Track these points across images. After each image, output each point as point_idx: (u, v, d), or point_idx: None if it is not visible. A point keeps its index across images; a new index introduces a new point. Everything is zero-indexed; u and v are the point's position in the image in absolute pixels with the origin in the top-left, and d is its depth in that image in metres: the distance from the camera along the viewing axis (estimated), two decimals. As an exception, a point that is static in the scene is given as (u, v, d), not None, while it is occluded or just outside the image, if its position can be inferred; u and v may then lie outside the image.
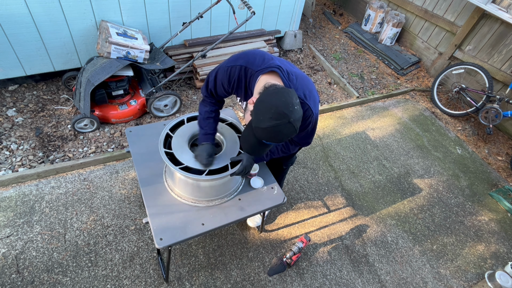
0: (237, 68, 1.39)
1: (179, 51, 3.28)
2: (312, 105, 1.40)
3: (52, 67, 2.91)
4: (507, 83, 3.60)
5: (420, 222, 2.70)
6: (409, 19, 4.63)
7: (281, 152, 1.69)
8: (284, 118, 1.14)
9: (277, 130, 1.16)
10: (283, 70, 1.33)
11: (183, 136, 1.71)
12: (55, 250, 2.06)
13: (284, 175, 2.26)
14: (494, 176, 3.30)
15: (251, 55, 1.39)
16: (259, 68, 1.34)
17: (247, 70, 1.38)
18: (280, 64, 1.35)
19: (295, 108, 1.16)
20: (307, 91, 1.40)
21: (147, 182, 1.71)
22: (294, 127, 1.17)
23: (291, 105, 1.15)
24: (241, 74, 1.40)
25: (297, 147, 1.69)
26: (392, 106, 3.90)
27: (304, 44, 4.49)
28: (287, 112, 1.14)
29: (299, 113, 1.18)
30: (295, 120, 1.16)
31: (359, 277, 2.26)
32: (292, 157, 2.02)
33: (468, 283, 2.38)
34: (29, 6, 2.49)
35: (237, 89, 1.47)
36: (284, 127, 1.15)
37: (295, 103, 1.17)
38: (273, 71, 1.32)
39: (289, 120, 1.14)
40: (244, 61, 1.38)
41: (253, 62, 1.36)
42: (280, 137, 1.19)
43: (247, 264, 2.20)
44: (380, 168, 3.09)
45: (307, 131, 1.51)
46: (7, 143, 2.58)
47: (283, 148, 1.67)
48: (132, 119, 2.97)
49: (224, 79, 1.45)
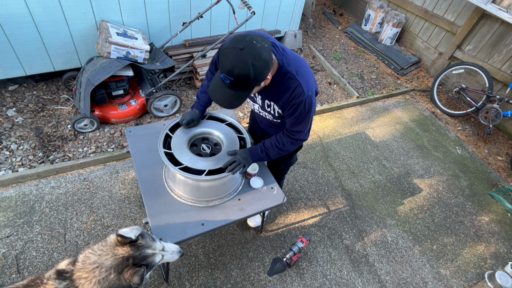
0: None
1: (179, 51, 3.28)
2: (303, 83, 1.37)
3: (52, 67, 2.91)
4: (507, 83, 3.60)
5: (420, 222, 2.70)
6: (409, 19, 4.63)
7: (276, 149, 1.61)
8: (238, 44, 1.16)
9: (226, 53, 1.18)
10: (276, 46, 1.36)
11: (183, 136, 1.71)
12: (55, 250, 2.07)
13: (283, 175, 2.24)
14: (494, 176, 3.30)
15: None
16: None
17: None
18: (276, 42, 1.38)
19: (254, 43, 1.17)
20: (300, 69, 1.38)
21: (147, 182, 1.71)
22: (243, 58, 1.15)
23: (249, 37, 1.18)
24: None
25: (293, 142, 1.59)
26: (392, 106, 3.90)
27: (304, 44, 4.49)
28: (242, 40, 1.16)
29: (256, 49, 1.17)
30: (246, 50, 1.15)
31: (359, 277, 2.26)
32: (292, 157, 2.00)
33: (468, 283, 2.38)
34: (29, 6, 2.49)
35: None
36: (233, 51, 1.16)
37: (258, 41, 1.18)
38: None
39: (241, 48, 1.15)
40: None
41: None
42: (229, 65, 1.17)
43: (247, 264, 2.20)
44: (380, 168, 3.09)
45: (300, 113, 1.43)
46: (7, 143, 2.58)
47: (277, 143, 1.59)
48: (132, 119, 2.97)
49: None
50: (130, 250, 1.18)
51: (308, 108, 1.43)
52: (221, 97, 1.30)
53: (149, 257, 1.24)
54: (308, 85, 1.39)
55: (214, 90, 1.31)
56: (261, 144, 1.66)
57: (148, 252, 1.24)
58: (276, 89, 1.41)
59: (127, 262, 1.17)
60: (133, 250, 1.19)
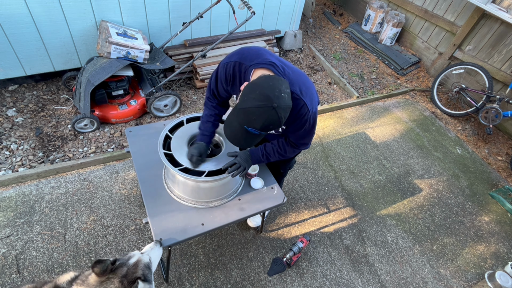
0: (232, 63, 1.39)
1: (179, 51, 3.28)
2: (308, 102, 1.35)
3: (52, 67, 2.91)
4: (507, 83, 3.60)
5: (420, 222, 2.70)
6: (409, 19, 4.63)
7: (277, 154, 1.61)
8: (268, 101, 1.10)
9: (258, 113, 1.12)
10: (277, 66, 1.31)
11: (183, 137, 1.71)
12: (55, 250, 2.07)
13: (282, 178, 2.24)
14: (494, 176, 3.30)
15: (246, 51, 1.39)
16: (253, 63, 1.32)
17: (241, 65, 1.36)
18: (275, 61, 1.33)
19: (282, 95, 1.13)
20: (303, 87, 1.35)
21: (147, 182, 1.71)
22: (278, 115, 1.13)
23: (277, 90, 1.12)
24: (235, 70, 1.39)
25: (295, 150, 1.61)
26: (392, 106, 3.90)
27: (304, 44, 4.49)
28: (271, 95, 1.11)
29: (285, 102, 1.14)
30: (279, 107, 1.12)
31: (359, 277, 2.26)
32: (290, 162, 1.99)
33: (468, 283, 2.38)
34: (29, 6, 2.48)
35: (233, 85, 1.46)
36: (266, 111, 1.11)
37: (284, 91, 1.14)
38: (266, 68, 1.30)
39: (273, 105, 1.10)
40: (238, 57, 1.38)
41: (247, 57, 1.36)
42: (261, 123, 1.14)
43: (247, 264, 2.20)
44: (380, 168, 3.09)
45: (305, 130, 1.45)
46: (7, 143, 2.58)
47: (279, 149, 1.60)
48: (132, 119, 2.97)
49: (221, 76, 1.45)
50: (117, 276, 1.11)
51: (312, 124, 1.43)
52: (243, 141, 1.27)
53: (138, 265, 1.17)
54: (312, 103, 1.38)
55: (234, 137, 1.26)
56: (262, 147, 1.65)
57: (132, 261, 1.17)
58: None
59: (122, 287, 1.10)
60: (119, 272, 1.12)
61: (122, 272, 1.13)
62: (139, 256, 1.23)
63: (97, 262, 1.08)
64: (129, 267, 1.16)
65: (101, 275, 1.10)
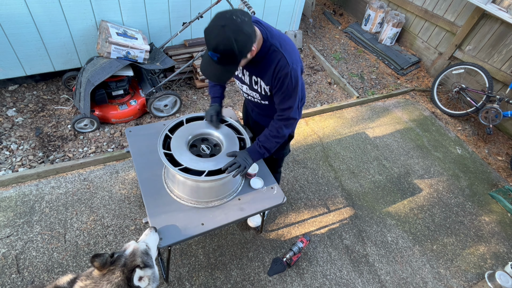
0: None
1: (179, 51, 3.28)
2: (287, 55, 1.39)
3: (52, 67, 2.91)
4: (507, 83, 3.60)
5: (420, 222, 2.70)
6: (409, 19, 4.63)
7: (271, 138, 1.62)
8: (220, 21, 1.19)
9: (208, 32, 1.22)
10: (261, 23, 1.41)
11: (182, 137, 1.71)
12: (55, 250, 2.07)
13: (278, 168, 2.22)
14: (494, 176, 3.30)
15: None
16: None
17: None
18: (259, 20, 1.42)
19: (234, 18, 1.19)
20: (283, 42, 1.42)
21: (147, 182, 1.71)
22: (226, 35, 1.18)
23: (230, 14, 1.20)
24: None
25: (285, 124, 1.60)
26: (392, 106, 3.90)
27: (304, 44, 4.49)
28: (222, 17, 1.20)
29: (237, 25, 1.20)
30: (227, 26, 1.18)
31: (359, 277, 2.26)
32: (284, 148, 1.98)
33: (468, 283, 2.38)
34: (29, 6, 2.49)
35: None
36: (215, 29, 1.20)
37: (239, 16, 1.21)
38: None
39: (221, 24, 1.18)
40: None
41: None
42: (214, 44, 1.21)
43: (247, 264, 2.20)
44: (380, 168, 3.09)
45: (287, 88, 1.45)
46: (7, 143, 2.58)
47: (271, 132, 1.60)
48: (132, 119, 2.97)
49: None
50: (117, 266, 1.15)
51: (294, 81, 1.45)
52: (211, 73, 1.36)
53: (135, 253, 1.21)
54: (292, 58, 1.42)
55: (205, 68, 1.37)
56: (256, 141, 1.67)
57: (128, 252, 1.21)
58: (261, 63, 1.45)
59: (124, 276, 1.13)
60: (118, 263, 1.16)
61: (121, 262, 1.18)
62: (134, 245, 1.26)
63: (95, 256, 1.12)
64: (126, 257, 1.20)
65: (102, 268, 1.14)
